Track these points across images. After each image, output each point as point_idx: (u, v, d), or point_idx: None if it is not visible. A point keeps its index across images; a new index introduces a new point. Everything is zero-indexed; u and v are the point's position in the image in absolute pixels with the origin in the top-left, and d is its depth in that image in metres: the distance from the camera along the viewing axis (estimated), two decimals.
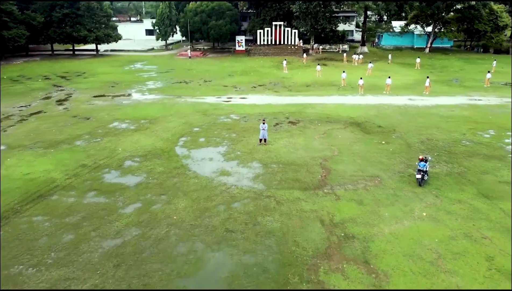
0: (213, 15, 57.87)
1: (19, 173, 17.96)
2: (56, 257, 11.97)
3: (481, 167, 18.59)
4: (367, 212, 14.53)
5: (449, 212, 14.55)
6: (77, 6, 55.65)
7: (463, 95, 33.74)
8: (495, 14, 58.57)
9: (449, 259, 11.82)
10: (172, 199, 15.52)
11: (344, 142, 21.95)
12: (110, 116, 27.23)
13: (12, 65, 50.70)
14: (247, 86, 38.08)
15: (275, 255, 12.00)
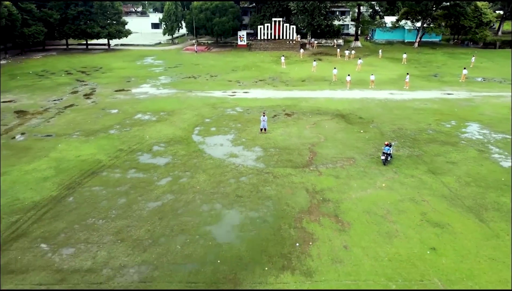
0: (217, 12, 62.23)
1: (72, 155, 22.87)
2: (116, 213, 16.94)
3: (436, 151, 23.49)
4: (341, 183, 19.47)
5: (402, 183, 19.50)
6: (90, 4, 59.89)
7: (438, 90, 38.47)
8: (480, 11, 62.82)
9: (394, 214, 16.79)
10: (194, 175, 20.45)
11: (330, 131, 26.83)
12: (133, 109, 32.06)
13: (34, 60, 55.25)
14: (249, 81, 42.78)
15: (272, 212, 16.97)
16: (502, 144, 24.51)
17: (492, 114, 30.47)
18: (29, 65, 51.22)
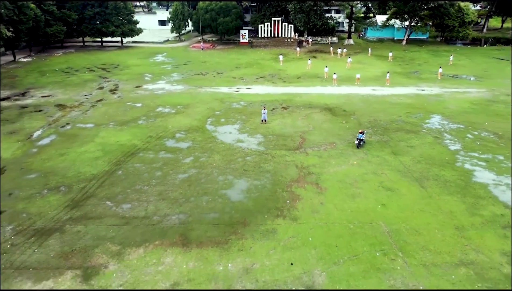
0: (221, 13, 67.82)
1: (112, 141, 29.01)
2: (156, 182, 23.11)
3: (401, 137, 29.62)
4: (322, 161, 25.62)
5: (369, 161, 25.65)
6: (106, 5, 65.45)
7: (414, 86, 44.46)
8: (462, 11, 68.44)
9: (359, 182, 22.95)
10: (210, 155, 26.59)
11: (317, 122, 32.93)
12: (154, 103, 38.11)
13: (56, 57, 61.08)
14: (251, 78, 48.73)
15: (270, 181, 23.14)
16: (455, 132, 30.65)
17: (454, 108, 36.54)
18: (53, 63, 57.08)
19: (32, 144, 28.61)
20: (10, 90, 42.90)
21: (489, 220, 19.30)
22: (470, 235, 18.15)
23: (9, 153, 27.06)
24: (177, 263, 16.35)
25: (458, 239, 17.85)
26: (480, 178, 23.48)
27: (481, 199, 21.22)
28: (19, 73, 50.54)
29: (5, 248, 17.37)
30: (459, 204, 20.75)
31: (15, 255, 16.89)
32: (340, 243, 17.56)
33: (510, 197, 21.28)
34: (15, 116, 34.49)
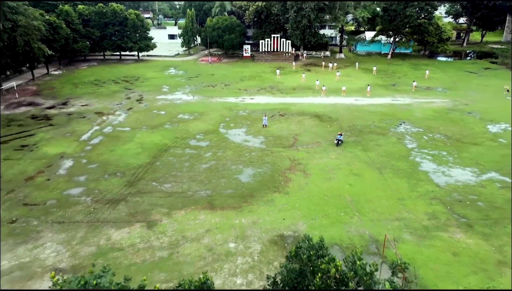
0: (227, 31, 76.55)
1: (147, 140, 37.47)
2: (186, 169, 31.52)
3: (371, 138, 38.07)
4: (309, 155, 34.05)
5: (344, 156, 34.09)
6: (125, 23, 74.16)
7: (390, 97, 53.01)
8: (440, 29, 77.27)
9: (335, 170, 31.36)
10: (224, 151, 35.01)
11: (308, 126, 41.42)
12: (175, 111, 46.62)
13: (82, 70, 69.75)
14: (254, 89, 57.30)
15: (269, 169, 31.55)
16: (414, 134, 39.12)
17: (419, 115, 45.06)
18: (81, 75, 65.72)
19: (86, 143, 37.10)
20: (53, 100, 51.45)
21: (422, 194, 27.73)
22: (407, 203, 26.56)
23: (70, 149, 35.54)
24: (208, 219, 24.75)
25: (398, 206, 26.26)
26: (424, 167, 31.94)
27: (421, 181, 29.67)
28: (55, 85, 59.11)
29: (90, 210, 25.76)
30: (404, 184, 29.19)
31: (98, 215, 25.29)
32: (317, 208, 25.95)
33: (441, 180, 29.75)
34: (65, 122, 42.99)
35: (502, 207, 26.10)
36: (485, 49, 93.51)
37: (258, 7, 77.81)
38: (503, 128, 40.98)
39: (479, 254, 21.47)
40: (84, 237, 23.05)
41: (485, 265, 20.63)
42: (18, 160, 33.38)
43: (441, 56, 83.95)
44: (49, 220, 24.70)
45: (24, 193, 27.97)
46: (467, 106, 48.45)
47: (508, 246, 22.16)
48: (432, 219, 24.70)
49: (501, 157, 33.76)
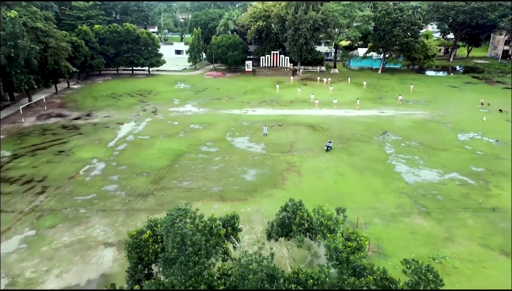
0: (230, 48, 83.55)
1: (166, 147, 43.96)
2: (200, 171, 37.96)
3: (356, 145, 44.56)
4: (303, 159, 40.53)
5: (332, 159, 40.56)
6: (137, 41, 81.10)
7: (377, 109, 59.60)
8: (426, 47, 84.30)
9: (324, 171, 37.80)
10: (231, 156, 41.49)
11: (302, 135, 47.94)
12: (187, 121, 53.19)
13: (98, 84, 76.53)
14: (255, 102, 63.96)
15: (269, 170, 38.00)
16: (393, 142, 45.64)
17: (400, 126, 51.62)
18: (99, 89, 72.48)
19: (113, 149, 43.61)
20: (77, 111, 58.08)
21: (394, 190, 34.14)
22: (380, 196, 32.96)
23: (101, 154, 42.03)
24: (220, 208, 31.11)
25: (372, 198, 32.65)
26: (398, 169, 38.40)
27: (394, 179, 36.10)
28: (77, 98, 65.82)
29: (125, 202, 32.15)
30: (380, 182, 35.60)
31: (132, 205, 31.67)
32: (308, 199, 32.08)
33: (411, 179, 36.20)
34: (92, 131, 49.55)
35: (456, 200, 32.52)
36: (470, 64, 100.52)
37: (259, 26, 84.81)
38: (470, 137, 47.55)
39: (431, 233, 27.84)
40: (124, 221, 29.45)
41: (435, 240, 26.99)
42: (58, 162, 39.86)
43: (430, 71, 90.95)
44: (94, 209, 31.11)
45: (69, 189, 34.41)
46: (443, 118, 55.05)
47: (455, 227, 28.55)
48: (398, 208, 31.11)
49: (463, 160, 40.25)
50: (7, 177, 36.65)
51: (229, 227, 15.43)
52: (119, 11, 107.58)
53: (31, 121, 53.31)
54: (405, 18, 78.30)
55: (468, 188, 34.49)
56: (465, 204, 31.78)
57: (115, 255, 25.58)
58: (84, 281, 23.30)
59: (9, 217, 29.93)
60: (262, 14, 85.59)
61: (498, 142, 45.53)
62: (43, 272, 23.99)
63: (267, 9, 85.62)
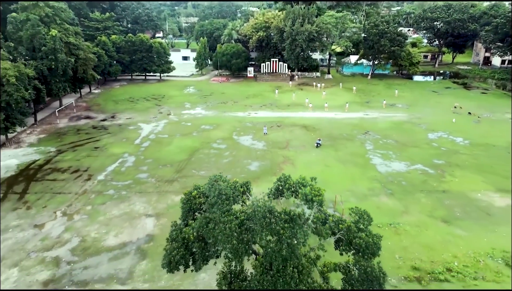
0: (234, 56, 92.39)
1: (183, 144, 52.79)
2: (212, 163, 46.78)
3: (342, 142, 53.40)
4: (297, 154, 49.37)
5: (321, 154, 49.39)
6: (150, 50, 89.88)
7: (363, 112, 68.41)
8: (411, 55, 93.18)
9: (314, 163, 46.62)
10: (238, 151, 50.33)
11: (297, 134, 56.78)
12: (198, 122, 62.00)
13: (116, 89, 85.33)
14: (257, 105, 72.78)
15: (269, 162, 46.82)
16: (373, 140, 54.45)
17: (381, 126, 60.43)
18: (117, 93, 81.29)
19: (139, 146, 52.43)
20: (103, 114, 66.90)
21: (368, 177, 42.97)
22: (356, 182, 41.77)
23: (130, 149, 50.83)
24: None
25: (350, 183, 41.46)
26: (374, 162, 47.24)
27: (369, 169, 44.92)
28: (99, 102, 74.64)
29: (156, 186, 40.96)
30: (358, 171, 44.42)
31: (162, 188, 40.49)
32: None
33: (383, 169, 45.04)
34: (119, 131, 58.36)
35: (416, 184, 41.37)
36: (453, 69, 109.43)
37: (260, 36, 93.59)
38: (439, 135, 56.43)
39: (392, 208, 36.68)
40: (157, 199, 38.29)
41: (394, 213, 35.82)
42: (96, 156, 48.70)
43: (418, 76, 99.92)
44: (133, 191, 39.95)
45: (110, 177, 43.24)
46: (419, 119, 63.90)
47: (411, 204, 37.36)
48: (370, 191, 39.95)
49: (428, 155, 49.12)
50: (58, 168, 45.51)
51: (245, 186, 24.04)
52: (130, 20, 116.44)
53: (65, 123, 62.14)
54: (391, 29, 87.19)
55: (427, 176, 43.37)
56: (422, 188, 40.66)
57: (154, 222, 34.43)
58: (134, 239, 32.12)
59: (68, 197, 38.77)
60: (263, 25, 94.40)
61: (461, 140, 54.41)
62: (103, 234, 32.84)
63: (267, 21, 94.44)
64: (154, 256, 29.67)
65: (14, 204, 37.36)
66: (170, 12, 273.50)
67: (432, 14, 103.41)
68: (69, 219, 34.91)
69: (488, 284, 26.56)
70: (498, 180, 42.26)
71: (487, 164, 46.45)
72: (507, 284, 26.65)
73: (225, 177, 22.26)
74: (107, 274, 28.01)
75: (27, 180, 42.51)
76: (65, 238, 32.19)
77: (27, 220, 34.73)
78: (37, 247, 31.08)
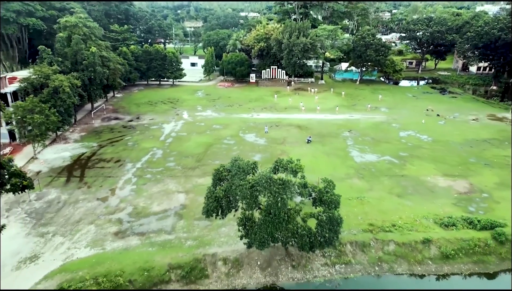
0: (238, 64, 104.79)
1: (199, 140, 65.18)
2: (224, 154, 59.16)
3: (328, 139, 65.77)
4: (291, 148, 61.76)
5: (311, 149, 61.79)
6: (164, 59, 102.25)
7: (348, 114, 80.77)
8: (394, 63, 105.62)
9: (305, 155, 58.87)
10: (244, 146, 62.72)
11: (292, 133, 69.19)
12: (210, 123, 74.38)
13: (135, 93, 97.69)
14: (259, 108, 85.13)
15: (269, 155, 59.22)
16: (354, 137, 66.84)
17: (362, 126, 72.79)
18: (137, 97, 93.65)
19: (164, 142, 64.79)
20: (128, 115, 79.25)
21: (346, 165, 55.38)
22: (337, 169, 54.17)
23: (157, 145, 63.20)
24: None
25: (332, 170, 53.84)
26: (352, 154, 59.64)
27: (348, 160, 57.34)
28: (124, 105, 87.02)
29: (182, 172, 53.35)
30: (339, 161, 56.81)
31: (187, 173, 52.87)
32: None
33: (359, 159, 57.48)
34: (145, 129, 70.73)
35: (383, 171, 53.71)
36: (434, 75, 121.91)
37: (261, 46, 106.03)
38: (408, 134, 68.85)
39: (361, 187, 49.08)
40: (185, 181, 50.67)
41: (362, 190, 48.19)
42: (131, 150, 61.09)
43: (404, 81, 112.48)
44: (165, 176, 52.32)
45: (145, 165, 55.60)
46: (394, 120, 76.33)
47: (375, 184, 49.75)
48: (346, 175, 52.32)
49: (396, 149, 61.51)
50: (103, 158, 57.89)
51: (253, 164, 36.29)
52: (144, 30, 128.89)
53: (99, 123, 74.55)
54: (376, 41, 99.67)
55: (392, 165, 55.78)
56: (386, 173, 53.05)
57: (185, 196, 46.79)
58: (172, 207, 44.47)
59: (116, 179, 51.09)
60: (263, 37, 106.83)
61: (425, 137, 66.87)
62: (149, 204, 45.20)
63: (267, 33, 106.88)
64: (188, 217, 42.10)
65: (78, 184, 49.78)
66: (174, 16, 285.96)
67: (414, 26, 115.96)
68: (121, 195, 47.30)
69: (418, 234, 38.94)
70: (446, 167, 54.72)
71: (441, 156, 58.88)
72: (433, 234, 38.99)
73: (241, 158, 34.51)
74: (157, 228, 40.41)
75: (82, 167, 54.93)
76: (122, 207, 44.59)
77: (90, 195, 47.13)
78: (103, 212, 43.48)
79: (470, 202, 45.38)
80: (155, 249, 37.09)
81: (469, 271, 36.31)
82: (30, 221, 41.46)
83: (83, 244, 37.78)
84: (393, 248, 37.71)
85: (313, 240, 33.22)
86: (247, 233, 33.81)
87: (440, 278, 35.85)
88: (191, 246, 37.53)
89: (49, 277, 33.08)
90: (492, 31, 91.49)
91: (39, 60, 66.62)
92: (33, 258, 35.71)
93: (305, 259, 36.71)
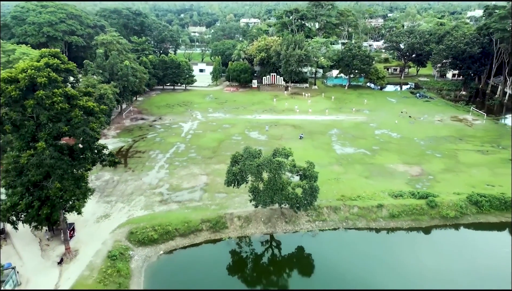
0: (242, 72, 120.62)
1: (213, 136, 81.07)
2: (234, 148, 74.89)
3: (317, 136, 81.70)
4: (287, 143, 77.46)
5: (303, 143, 77.68)
6: (178, 67, 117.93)
7: (335, 115, 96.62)
8: (377, 71, 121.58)
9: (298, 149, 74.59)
10: (249, 141, 78.54)
11: (288, 131, 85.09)
12: (220, 122, 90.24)
13: (154, 97, 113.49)
14: (260, 110, 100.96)
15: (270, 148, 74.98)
16: (338, 134, 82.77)
17: (345, 125, 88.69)
18: (156, 100, 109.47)
19: (185, 138, 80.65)
20: (152, 116, 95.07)
21: (329, 156, 71.34)
22: (321, 158, 70.06)
23: (180, 140, 79.09)
24: None
25: (318, 159, 69.58)
26: (335, 148, 75.62)
27: (331, 152, 73.29)
28: (146, 107, 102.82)
29: (203, 160, 69.27)
30: (324, 153, 72.74)
31: (206, 161, 68.80)
32: None
33: (340, 152, 73.46)
34: (168, 128, 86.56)
35: (357, 160, 69.61)
36: (415, 81, 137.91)
37: (262, 56, 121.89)
38: (382, 132, 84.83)
39: (339, 171, 65.04)
40: (205, 167, 66.56)
41: (339, 173, 64.16)
42: (160, 144, 76.95)
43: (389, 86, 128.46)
44: (190, 163, 68.19)
45: (173, 155, 71.44)
46: (373, 121, 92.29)
47: (350, 170, 65.75)
48: (329, 163, 68.23)
49: (371, 144, 77.45)
50: (138, 150, 73.73)
51: (260, 151, 51.99)
52: (157, 40, 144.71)
53: (128, 122, 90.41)
54: (361, 52, 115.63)
55: (365, 156, 71.72)
56: (360, 162, 68.97)
57: (207, 178, 62.61)
58: (198, 185, 60.31)
59: (152, 165, 66.92)
60: (264, 47, 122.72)
61: (395, 135, 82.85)
62: (180, 182, 61.01)
63: (267, 44, 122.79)
64: (210, 191, 57.97)
65: (124, 169, 65.63)
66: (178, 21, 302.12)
67: (396, 38, 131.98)
68: (159, 176, 63.12)
69: (375, 201, 54.85)
70: (406, 157, 70.70)
71: (405, 149, 74.86)
72: (385, 201, 54.94)
73: (251, 147, 50.49)
74: (189, 198, 56.27)
75: (124, 157, 70.79)
76: (161, 184, 60.43)
77: (135, 176, 62.97)
78: (148, 187, 59.32)
79: (418, 182, 61.39)
80: (190, 211, 53.01)
81: (408, 226, 52.29)
82: (96, 193, 57.30)
83: (139, 207, 53.68)
84: (356, 210, 53.68)
85: (299, 202, 49.08)
86: (254, 197, 49.70)
87: (389, 231, 51.82)
88: (215, 209, 53.47)
89: (121, 226, 48.95)
90: (459, 45, 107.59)
91: (84, 72, 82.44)
92: (106, 216, 51.57)
93: (294, 217, 52.64)
